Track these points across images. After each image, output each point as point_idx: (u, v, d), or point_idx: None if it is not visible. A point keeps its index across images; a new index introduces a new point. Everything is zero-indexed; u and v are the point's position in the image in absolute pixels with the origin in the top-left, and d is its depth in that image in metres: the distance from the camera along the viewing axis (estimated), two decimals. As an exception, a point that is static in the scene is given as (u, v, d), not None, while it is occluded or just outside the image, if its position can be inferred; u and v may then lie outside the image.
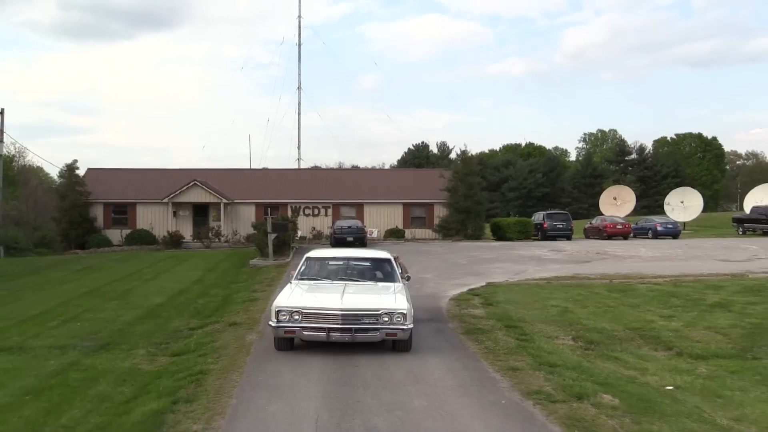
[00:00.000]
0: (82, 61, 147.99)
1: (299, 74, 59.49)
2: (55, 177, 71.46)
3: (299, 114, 59.31)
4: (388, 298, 9.22)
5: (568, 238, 35.41)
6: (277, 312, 8.86)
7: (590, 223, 40.01)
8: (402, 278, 10.65)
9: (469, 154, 41.06)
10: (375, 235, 36.97)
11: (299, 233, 34.74)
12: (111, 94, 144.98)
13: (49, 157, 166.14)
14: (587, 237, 37.95)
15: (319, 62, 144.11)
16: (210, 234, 35.48)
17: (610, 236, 35.74)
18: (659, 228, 36.16)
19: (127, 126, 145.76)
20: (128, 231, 37.28)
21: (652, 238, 35.72)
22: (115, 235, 37.28)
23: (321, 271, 10.69)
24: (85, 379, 8.53)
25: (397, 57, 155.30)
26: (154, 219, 37.61)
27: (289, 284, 10.27)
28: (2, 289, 19.56)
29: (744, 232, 37.66)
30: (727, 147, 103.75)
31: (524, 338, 10.11)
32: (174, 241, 35.24)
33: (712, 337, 10.41)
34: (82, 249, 35.65)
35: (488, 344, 9.66)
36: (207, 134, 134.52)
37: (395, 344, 8.95)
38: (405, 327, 8.71)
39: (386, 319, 8.68)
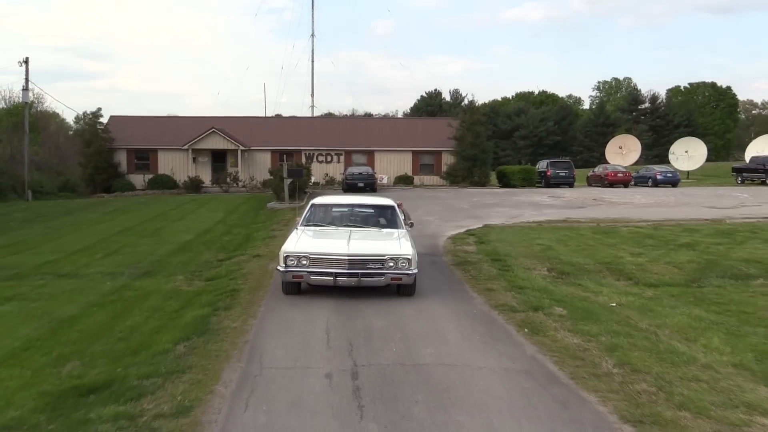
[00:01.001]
0: (96, 5, 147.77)
1: (312, 21, 59.32)
2: (71, 122, 73.24)
3: (312, 62, 60.00)
4: (393, 244, 9.52)
5: (570, 185, 36.84)
6: (286, 257, 9.15)
7: (593, 172, 41.32)
8: (405, 225, 11.02)
9: (476, 104, 42.23)
10: (385, 181, 38.61)
11: (313, 179, 36.39)
12: (124, 39, 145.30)
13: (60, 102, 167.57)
14: (590, 185, 39.31)
15: (333, 7, 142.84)
16: (228, 179, 37.35)
17: (611, 184, 37.07)
18: (659, 177, 37.41)
19: (140, 71, 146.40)
20: (150, 176, 39.19)
21: (652, 187, 36.99)
22: (138, 179, 39.21)
23: (326, 218, 10.94)
24: (138, 296, 10.39)
25: (412, 2, 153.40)
26: (174, 165, 39.41)
27: (295, 230, 10.47)
28: (45, 228, 21.56)
29: (743, 182, 38.82)
30: (746, 96, 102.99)
31: (505, 269, 11.81)
32: (194, 185, 37.15)
33: (669, 270, 12.06)
34: (107, 193, 37.67)
35: (473, 273, 11.40)
36: (221, 80, 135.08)
37: (400, 288, 9.33)
38: (410, 272, 9.04)
39: (391, 264, 9.01)
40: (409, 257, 9.07)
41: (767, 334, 7.61)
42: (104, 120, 40.70)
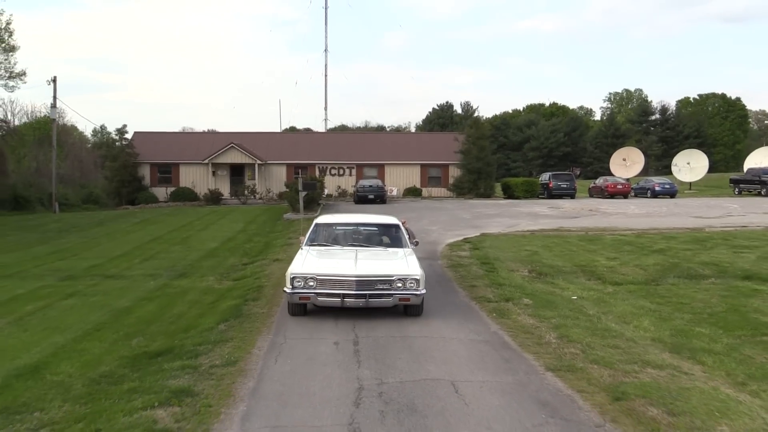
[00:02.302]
0: (109, 19, 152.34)
1: (326, 36, 61.78)
2: (89, 135, 76.08)
3: (326, 76, 62.30)
4: (400, 264, 9.41)
5: (572, 197, 38.59)
6: (292, 278, 9.02)
7: (594, 183, 43.03)
8: (410, 243, 10.93)
9: (482, 119, 44.16)
10: (395, 193, 40.60)
11: (326, 191, 38.47)
12: (138, 52, 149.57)
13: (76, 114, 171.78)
14: (591, 196, 41.01)
15: (346, 20, 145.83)
16: (246, 192, 39.53)
17: (611, 195, 38.75)
18: (657, 188, 39.03)
19: (155, 84, 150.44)
20: (173, 188, 41.51)
21: (650, 198, 38.62)
22: (161, 192, 41.52)
23: (330, 237, 10.83)
24: (178, 292, 12.38)
25: (425, 13, 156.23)
26: (195, 178, 41.71)
27: (300, 251, 10.35)
28: (82, 238, 23.72)
29: (739, 193, 40.35)
30: (757, 106, 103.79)
31: (491, 270, 13.65)
32: (214, 197, 39.35)
33: (634, 271, 13.80)
34: (132, 205, 39.98)
35: (462, 273, 13.27)
36: (236, 92, 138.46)
37: (407, 309, 9.21)
38: (418, 292, 8.93)
39: (399, 284, 8.90)
40: (418, 277, 8.97)
41: (691, 318, 9.40)
42: (128, 136, 43.10)
